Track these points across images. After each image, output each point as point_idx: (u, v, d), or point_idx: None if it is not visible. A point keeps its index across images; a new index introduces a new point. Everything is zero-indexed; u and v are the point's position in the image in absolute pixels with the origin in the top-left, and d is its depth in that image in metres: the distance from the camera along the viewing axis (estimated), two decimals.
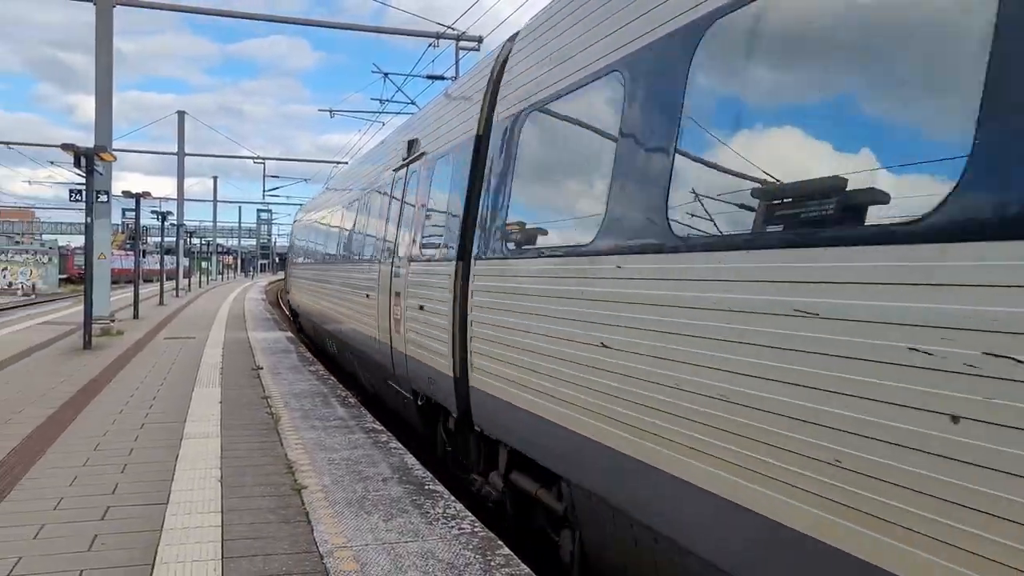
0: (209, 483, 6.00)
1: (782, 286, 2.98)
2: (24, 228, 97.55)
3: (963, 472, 2.25)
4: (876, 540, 2.53)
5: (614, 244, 4.24)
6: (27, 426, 7.89)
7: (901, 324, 2.46)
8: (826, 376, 2.72)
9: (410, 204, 9.05)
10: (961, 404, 2.26)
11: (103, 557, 4.50)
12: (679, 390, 3.56)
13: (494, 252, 6.01)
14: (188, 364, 12.85)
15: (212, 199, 78.36)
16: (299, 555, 4.56)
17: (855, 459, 2.60)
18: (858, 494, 2.60)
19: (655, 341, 3.76)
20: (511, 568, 4.41)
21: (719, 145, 3.50)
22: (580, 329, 4.51)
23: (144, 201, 24.55)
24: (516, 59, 6.23)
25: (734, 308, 3.22)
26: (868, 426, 2.55)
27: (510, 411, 5.56)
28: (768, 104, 3.25)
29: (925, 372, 2.37)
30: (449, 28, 22.53)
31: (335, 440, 7.54)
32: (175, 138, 48.33)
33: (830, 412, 2.70)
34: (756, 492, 3.07)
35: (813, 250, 2.83)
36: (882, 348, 2.52)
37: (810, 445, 2.79)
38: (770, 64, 3.30)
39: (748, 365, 3.10)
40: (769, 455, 3.00)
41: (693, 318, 3.50)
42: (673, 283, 3.67)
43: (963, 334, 2.26)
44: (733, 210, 3.39)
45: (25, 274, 49.60)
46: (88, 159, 14.81)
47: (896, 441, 2.46)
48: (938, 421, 2.33)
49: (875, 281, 2.56)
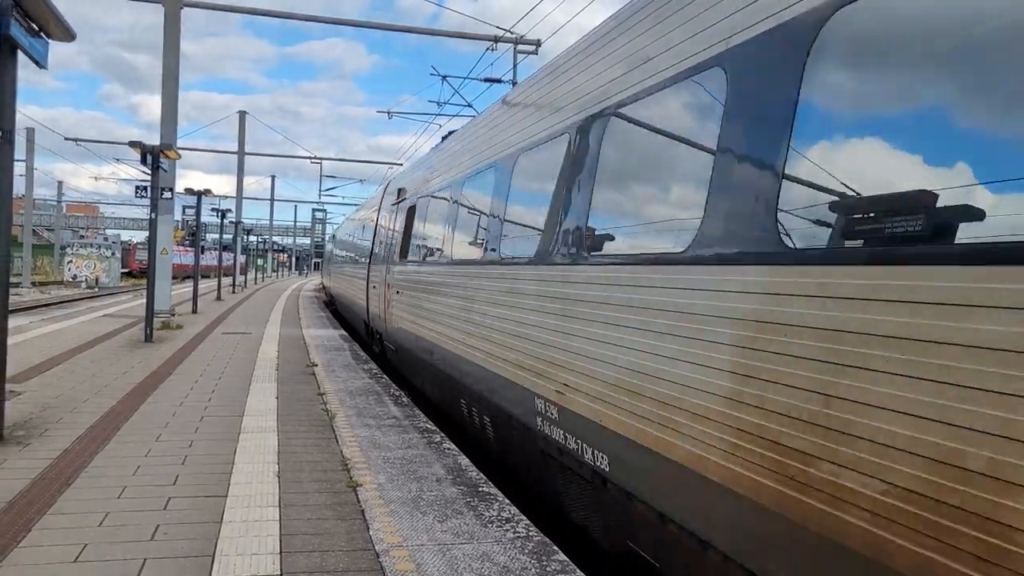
0: (267, 477, 6.08)
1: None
2: (88, 223, 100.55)
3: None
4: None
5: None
6: (91, 416, 8.09)
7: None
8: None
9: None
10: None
11: (166, 547, 4.58)
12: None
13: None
14: (245, 359, 13.07)
15: (269, 198, 79.76)
16: (355, 552, 4.58)
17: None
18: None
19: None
20: (567, 574, 4.37)
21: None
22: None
23: (204, 199, 25.11)
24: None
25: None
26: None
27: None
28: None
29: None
30: (508, 32, 22.58)
31: (389, 439, 7.58)
32: (234, 137, 49.34)
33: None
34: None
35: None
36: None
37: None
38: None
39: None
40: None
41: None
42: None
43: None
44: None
45: (89, 267, 51.02)
46: (154, 156, 15.17)
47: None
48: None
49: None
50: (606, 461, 4.95)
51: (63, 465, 6.22)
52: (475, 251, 8.46)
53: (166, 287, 18.94)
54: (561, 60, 6.75)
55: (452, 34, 24.83)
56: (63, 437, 7.11)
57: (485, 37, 23.18)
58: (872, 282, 2.86)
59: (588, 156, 5.63)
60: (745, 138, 3.79)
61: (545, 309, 6.08)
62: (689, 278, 4.05)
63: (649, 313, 4.43)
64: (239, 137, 48.81)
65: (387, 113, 32.43)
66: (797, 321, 3.22)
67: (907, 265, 2.74)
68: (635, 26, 5.21)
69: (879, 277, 2.83)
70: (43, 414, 8.05)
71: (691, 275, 4.03)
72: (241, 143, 49.13)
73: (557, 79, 6.69)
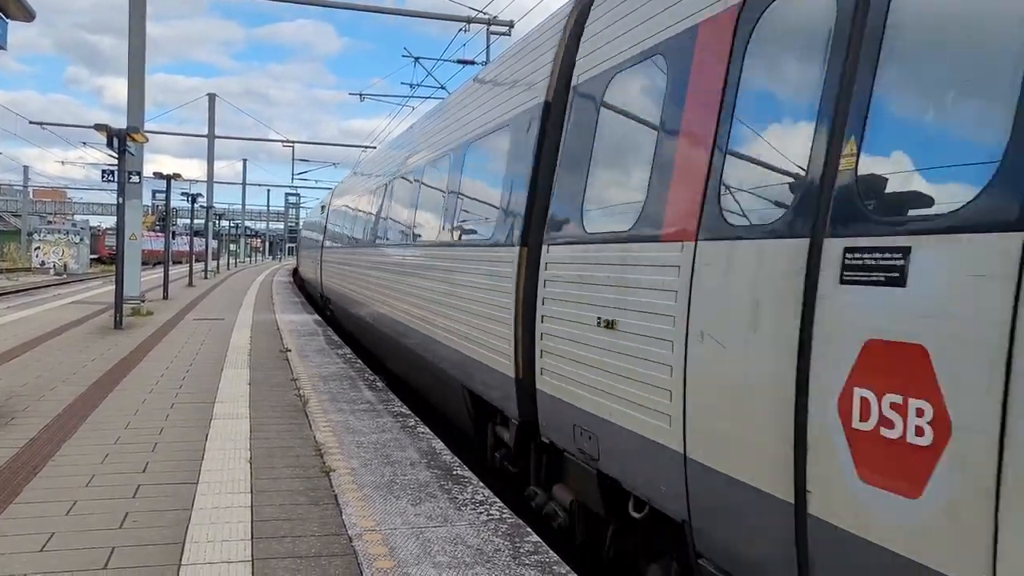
0: (239, 464, 6.02)
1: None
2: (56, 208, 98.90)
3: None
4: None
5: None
6: (59, 404, 7.98)
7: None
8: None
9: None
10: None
11: (135, 535, 4.52)
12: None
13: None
14: (217, 345, 12.94)
15: (241, 182, 78.90)
16: (328, 537, 4.56)
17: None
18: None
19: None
20: (540, 555, 4.38)
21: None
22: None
23: (174, 183, 24.75)
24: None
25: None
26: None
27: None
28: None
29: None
30: (480, 13, 22.41)
31: (363, 423, 7.54)
32: (204, 121, 48.70)
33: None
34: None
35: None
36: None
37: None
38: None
39: None
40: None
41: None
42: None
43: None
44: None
45: (57, 254, 50.22)
46: (120, 140, 14.92)
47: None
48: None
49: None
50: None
51: (30, 454, 6.12)
52: (359, 236, 15.36)
53: (136, 273, 18.67)
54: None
55: (424, 15, 24.61)
56: (30, 426, 7.00)
57: (458, 18, 22.98)
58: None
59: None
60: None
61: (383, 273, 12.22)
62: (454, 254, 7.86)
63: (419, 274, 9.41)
64: (209, 120, 48.19)
65: (359, 96, 32.16)
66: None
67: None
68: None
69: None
70: (9, 403, 7.91)
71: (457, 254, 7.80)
72: (211, 126, 48.51)
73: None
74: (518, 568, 4.18)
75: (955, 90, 2.55)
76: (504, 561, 4.27)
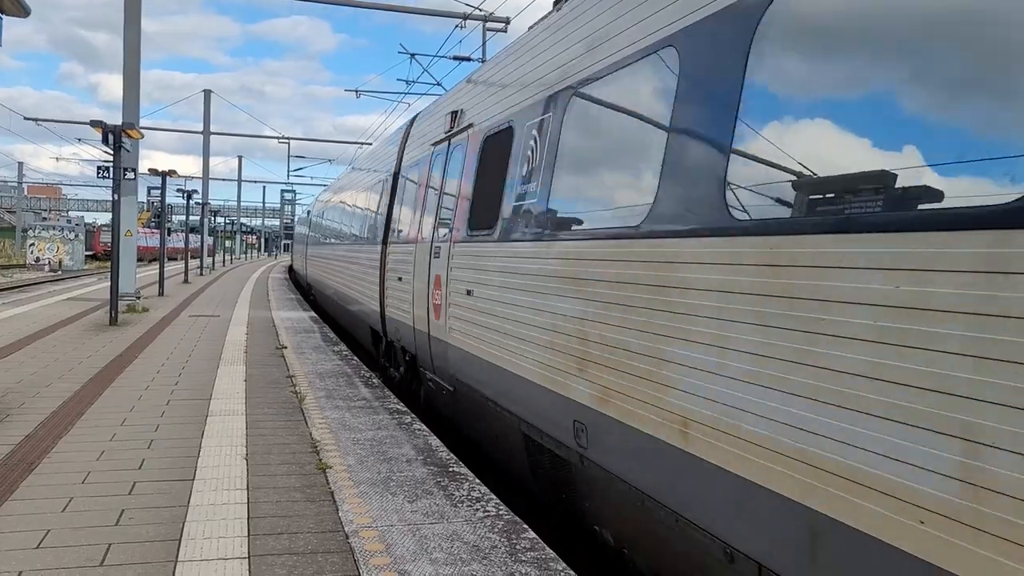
0: (235, 460, 6.02)
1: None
2: (51, 204, 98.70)
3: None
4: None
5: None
6: (55, 400, 7.97)
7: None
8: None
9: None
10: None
11: (130, 532, 4.52)
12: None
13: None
14: (213, 342, 12.93)
15: (237, 179, 78.76)
16: (324, 534, 4.56)
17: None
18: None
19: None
20: (536, 552, 4.38)
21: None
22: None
23: (169, 180, 24.69)
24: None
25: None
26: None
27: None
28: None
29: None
30: (477, 9, 22.38)
31: (359, 420, 7.54)
32: (199, 117, 48.62)
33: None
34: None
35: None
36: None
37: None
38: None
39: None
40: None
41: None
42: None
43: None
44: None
45: (52, 250, 50.06)
46: (116, 136, 14.89)
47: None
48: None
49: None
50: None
51: (25, 451, 6.11)
52: (321, 238, 23.14)
53: (131, 269, 18.62)
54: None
55: (420, 11, 24.59)
56: (25, 423, 6.99)
57: (454, 15, 22.95)
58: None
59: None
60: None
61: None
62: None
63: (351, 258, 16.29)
64: (204, 116, 48.09)
65: (355, 92, 32.09)
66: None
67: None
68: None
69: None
70: (4, 399, 7.90)
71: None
72: (207, 122, 48.43)
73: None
74: (515, 565, 4.19)
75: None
76: (501, 558, 4.28)
